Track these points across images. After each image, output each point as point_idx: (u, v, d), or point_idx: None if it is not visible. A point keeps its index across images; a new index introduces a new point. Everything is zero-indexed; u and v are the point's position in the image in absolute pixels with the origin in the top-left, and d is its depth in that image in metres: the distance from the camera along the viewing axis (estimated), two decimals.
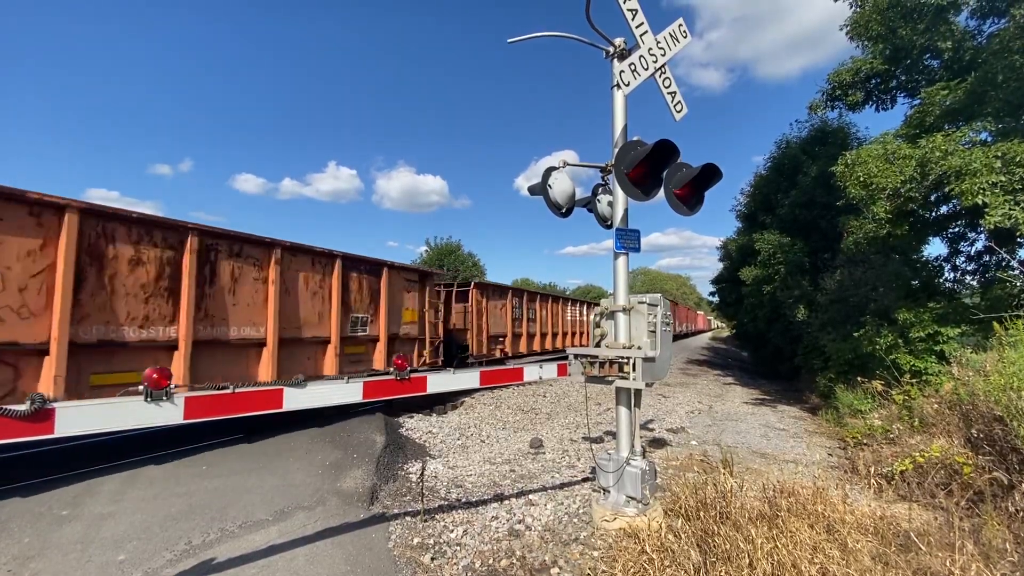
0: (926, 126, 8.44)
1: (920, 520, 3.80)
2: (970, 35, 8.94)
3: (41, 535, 3.58)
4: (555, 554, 3.55)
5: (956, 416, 5.22)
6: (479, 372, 3.65)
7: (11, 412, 1.88)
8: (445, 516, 4.19)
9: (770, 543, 2.96)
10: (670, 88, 4.31)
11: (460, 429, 7.55)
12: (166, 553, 3.38)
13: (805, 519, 3.33)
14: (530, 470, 5.60)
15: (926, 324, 7.63)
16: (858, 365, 8.86)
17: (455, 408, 9.31)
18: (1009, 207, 6.38)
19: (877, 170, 7.85)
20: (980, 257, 9.72)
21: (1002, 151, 6.56)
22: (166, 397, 2.25)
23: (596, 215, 4.68)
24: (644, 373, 3.86)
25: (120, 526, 3.74)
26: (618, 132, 4.15)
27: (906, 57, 9.80)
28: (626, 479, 3.91)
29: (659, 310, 4.06)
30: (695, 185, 3.86)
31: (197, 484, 4.59)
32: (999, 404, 4.50)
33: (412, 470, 5.42)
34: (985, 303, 7.56)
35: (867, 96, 10.96)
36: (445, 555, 3.54)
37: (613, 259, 4.18)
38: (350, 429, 6.52)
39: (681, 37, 4.24)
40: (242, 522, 3.86)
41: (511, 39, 4.48)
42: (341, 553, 3.45)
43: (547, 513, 4.29)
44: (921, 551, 3.09)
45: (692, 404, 10.66)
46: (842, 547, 3.03)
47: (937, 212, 9.21)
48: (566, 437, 7.18)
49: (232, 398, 2.48)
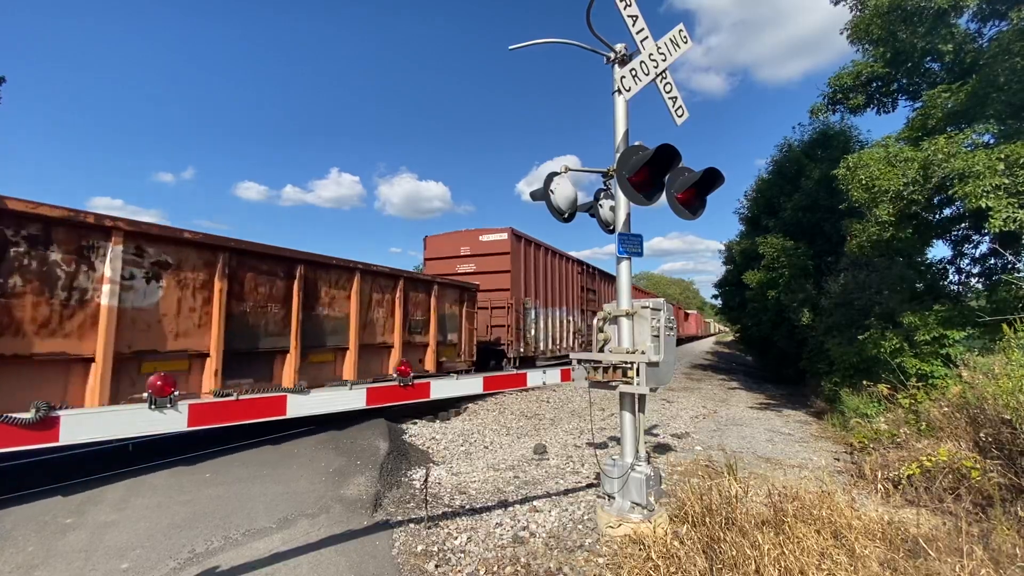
0: (928, 129, 8.43)
1: (928, 525, 3.76)
2: (971, 38, 8.94)
3: (45, 543, 3.58)
4: (560, 561, 3.52)
5: (963, 420, 5.18)
6: (482, 378, 3.64)
7: (16, 420, 1.89)
8: (449, 523, 4.17)
9: (777, 549, 2.94)
10: (671, 93, 4.32)
11: (464, 435, 7.53)
12: (170, 561, 3.37)
13: (812, 525, 3.30)
14: (534, 476, 5.57)
15: (931, 327, 7.58)
16: (863, 369, 8.80)
17: (458, 414, 9.29)
18: (1013, 210, 6.36)
19: (879, 173, 7.85)
20: (985, 260, 9.67)
21: (1005, 153, 6.55)
22: (170, 404, 2.26)
23: (598, 220, 4.68)
24: (648, 378, 3.84)
25: (124, 534, 3.73)
26: (619, 137, 4.16)
27: (907, 60, 9.81)
28: (631, 485, 3.89)
29: (662, 314, 4.05)
30: (697, 189, 3.87)
31: (200, 492, 4.59)
32: (1007, 407, 4.46)
33: (416, 476, 5.40)
34: (991, 306, 7.51)
35: (868, 99, 10.98)
36: (449, 562, 3.52)
37: (616, 264, 4.18)
38: (353, 435, 6.51)
39: (681, 42, 4.26)
40: (245, 530, 3.85)
41: (512, 46, 4.51)
42: (345, 561, 3.44)
43: (552, 519, 4.27)
44: (930, 557, 3.05)
45: (696, 409, 10.61)
46: (850, 553, 3.00)
47: (940, 215, 9.19)
48: (570, 443, 7.15)
49: (236, 405, 2.48)
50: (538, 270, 14.29)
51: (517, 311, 12.67)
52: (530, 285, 13.67)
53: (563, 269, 16.15)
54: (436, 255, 14.01)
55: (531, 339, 13.37)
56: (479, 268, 13.18)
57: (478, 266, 13.28)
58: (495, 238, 13.15)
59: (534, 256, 14.14)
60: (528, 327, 13.27)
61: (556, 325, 15.17)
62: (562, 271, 16.03)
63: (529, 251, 13.90)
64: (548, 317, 14.59)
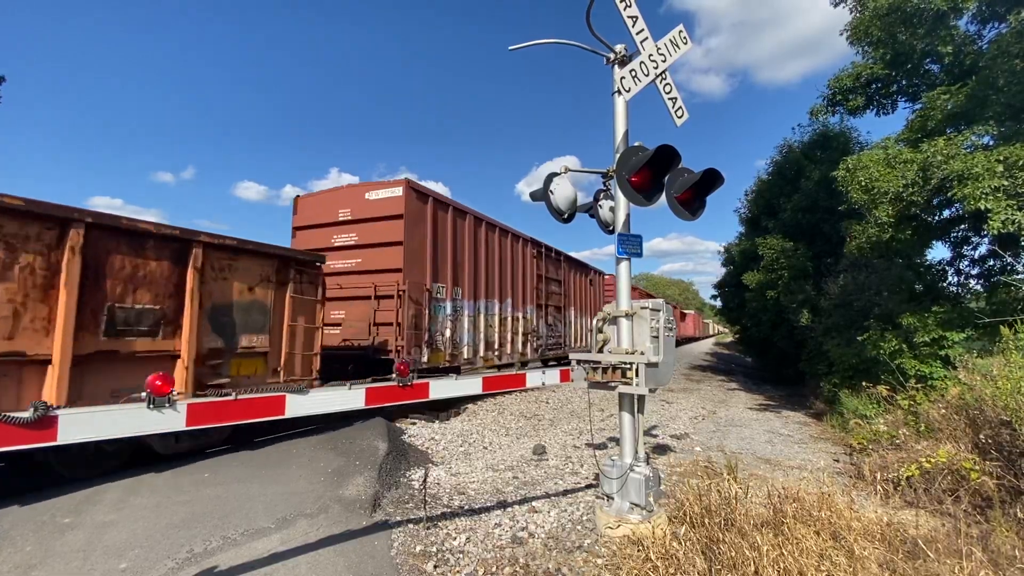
0: (927, 130, 8.44)
1: (927, 526, 3.76)
2: (971, 40, 8.95)
3: (43, 543, 3.57)
4: (559, 562, 3.52)
5: (963, 421, 5.18)
6: (481, 378, 3.64)
7: (14, 419, 1.89)
8: (448, 523, 4.17)
9: (776, 550, 2.93)
10: (671, 94, 4.32)
11: (463, 435, 7.53)
12: (168, 561, 3.36)
13: (811, 526, 3.30)
14: (533, 477, 5.57)
15: (931, 329, 7.58)
16: (863, 370, 8.81)
17: (457, 414, 9.28)
18: (1011, 212, 6.36)
19: (879, 174, 7.86)
20: (984, 261, 9.68)
21: (1004, 155, 6.55)
22: (168, 404, 2.25)
23: (598, 221, 4.68)
24: (647, 378, 3.85)
25: (122, 534, 3.73)
26: (619, 138, 4.17)
27: (907, 62, 9.82)
28: (630, 486, 3.89)
29: (661, 315, 4.06)
30: (697, 190, 3.87)
31: (199, 492, 4.58)
32: (1007, 409, 4.46)
33: (415, 477, 5.39)
34: (990, 307, 7.52)
35: (868, 101, 10.98)
36: (448, 563, 3.51)
37: (615, 264, 4.18)
38: (352, 436, 6.50)
39: (681, 43, 4.26)
40: (244, 530, 3.84)
41: (512, 46, 4.51)
42: (343, 561, 3.43)
43: (551, 520, 4.26)
44: (929, 558, 3.05)
45: (696, 410, 10.61)
46: (849, 554, 3.00)
47: (940, 216, 9.19)
48: (569, 443, 7.15)
49: (234, 405, 2.48)
50: (460, 247, 10.34)
51: (416, 302, 8.78)
52: (444, 266, 9.71)
53: (508, 249, 12.26)
54: (308, 222, 9.93)
55: (444, 342, 9.62)
56: (363, 239, 9.22)
57: (361, 236, 9.24)
58: (384, 195, 8.98)
59: (452, 226, 10.02)
60: (440, 326, 9.48)
61: (496, 324, 11.47)
62: (506, 252, 12.17)
63: (443, 218, 9.81)
64: (481, 313, 10.91)
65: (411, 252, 8.80)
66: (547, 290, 14.23)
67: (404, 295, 8.50)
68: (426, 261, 9.20)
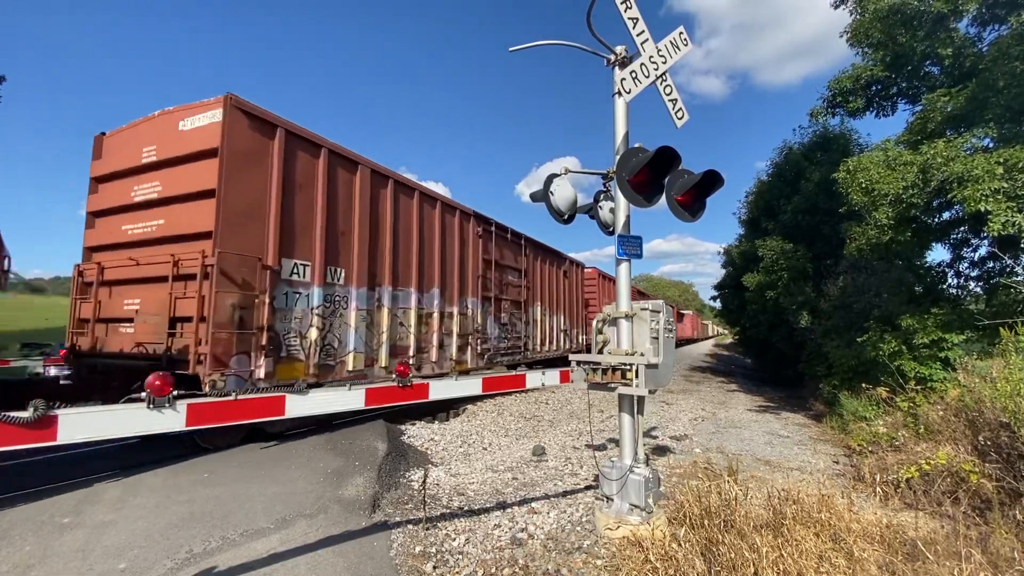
0: (927, 132, 8.45)
1: (927, 528, 3.76)
2: (971, 42, 8.96)
3: (42, 543, 3.57)
4: (558, 563, 3.52)
5: (962, 423, 5.18)
6: (481, 379, 3.64)
7: (14, 419, 1.89)
8: (447, 524, 4.17)
9: (775, 552, 2.94)
10: (671, 95, 4.33)
11: (462, 436, 7.52)
12: (167, 561, 3.36)
13: (810, 527, 3.30)
14: (533, 478, 5.57)
15: (930, 330, 7.59)
16: (862, 372, 8.82)
17: (457, 415, 9.28)
18: (1011, 214, 6.37)
19: (879, 176, 7.87)
20: (984, 263, 9.69)
21: (1004, 157, 6.57)
22: (168, 404, 2.25)
23: (598, 222, 4.69)
24: (647, 379, 3.85)
25: (121, 534, 3.72)
26: (619, 139, 4.17)
27: (907, 64, 9.84)
28: (629, 487, 3.89)
29: (661, 316, 4.06)
30: (697, 191, 3.88)
31: (198, 492, 4.58)
32: (1006, 411, 4.46)
33: (414, 478, 5.39)
34: (990, 309, 7.53)
35: (868, 103, 11.00)
36: (447, 564, 3.51)
37: (615, 265, 4.18)
38: (352, 436, 6.50)
39: (682, 45, 4.27)
40: (243, 530, 3.84)
41: (513, 48, 4.52)
42: (343, 562, 3.43)
43: (550, 521, 4.26)
44: (928, 560, 3.05)
45: (695, 411, 10.61)
46: (848, 556, 3.00)
47: (940, 218, 9.20)
48: (568, 444, 7.15)
49: (234, 405, 2.48)
50: (345, 210, 7.21)
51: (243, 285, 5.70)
52: (307, 236, 6.61)
53: (435, 222, 9.15)
54: (111, 169, 6.79)
55: (307, 347, 6.50)
56: (167, 190, 6.18)
57: (166, 187, 6.20)
58: (201, 122, 5.93)
59: (326, 178, 6.85)
60: (296, 323, 6.37)
61: (411, 322, 8.37)
62: (431, 226, 9.08)
63: (308, 164, 6.68)
64: (383, 306, 7.80)
65: (233, 208, 5.69)
66: (500, 280, 11.36)
67: (213, 272, 5.41)
68: (268, 225, 6.09)
